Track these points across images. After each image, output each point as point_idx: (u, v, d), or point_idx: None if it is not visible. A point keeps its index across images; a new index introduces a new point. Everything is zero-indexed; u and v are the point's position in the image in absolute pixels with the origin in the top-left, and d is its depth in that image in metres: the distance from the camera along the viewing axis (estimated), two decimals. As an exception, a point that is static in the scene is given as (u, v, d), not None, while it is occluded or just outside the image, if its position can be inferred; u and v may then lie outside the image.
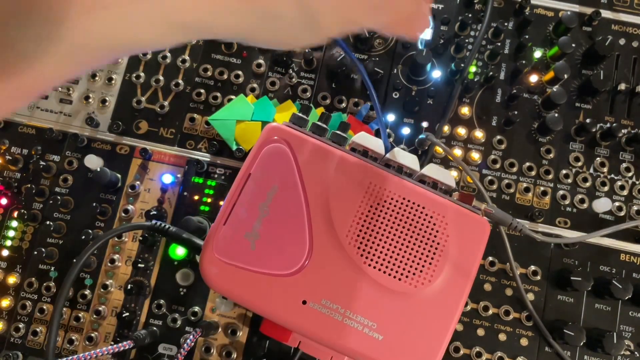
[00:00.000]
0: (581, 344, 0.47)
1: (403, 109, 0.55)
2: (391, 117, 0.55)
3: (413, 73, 0.56)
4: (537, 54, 0.56)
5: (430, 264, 0.39)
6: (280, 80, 0.56)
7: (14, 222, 0.54)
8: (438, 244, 0.39)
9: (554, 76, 0.53)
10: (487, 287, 0.51)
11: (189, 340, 0.45)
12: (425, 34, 0.54)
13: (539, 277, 0.51)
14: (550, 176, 0.53)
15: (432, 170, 0.41)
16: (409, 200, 0.39)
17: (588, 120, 0.52)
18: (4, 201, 0.54)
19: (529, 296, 0.50)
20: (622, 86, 0.55)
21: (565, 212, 0.53)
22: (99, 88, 0.57)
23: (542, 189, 0.53)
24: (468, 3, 0.57)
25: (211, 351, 0.50)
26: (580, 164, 0.54)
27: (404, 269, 0.38)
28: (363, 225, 0.39)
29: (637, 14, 0.57)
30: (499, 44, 0.57)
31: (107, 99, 0.56)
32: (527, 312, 0.50)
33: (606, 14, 0.57)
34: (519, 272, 0.51)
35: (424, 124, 0.55)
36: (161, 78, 0.57)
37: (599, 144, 0.54)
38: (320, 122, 0.42)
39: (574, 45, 0.53)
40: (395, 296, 0.38)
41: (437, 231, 0.39)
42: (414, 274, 0.39)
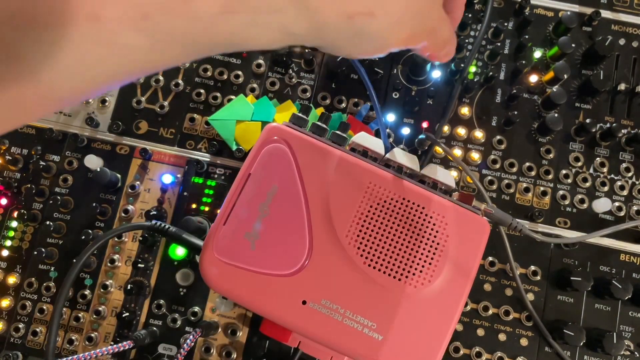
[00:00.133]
0: (581, 344, 0.47)
1: (403, 109, 0.55)
2: (391, 117, 0.55)
3: (413, 73, 0.56)
4: (537, 54, 0.56)
5: (430, 264, 0.39)
6: (280, 81, 0.56)
7: (14, 222, 0.54)
8: (438, 244, 0.39)
9: (554, 76, 0.53)
10: (487, 287, 0.51)
11: (188, 340, 0.45)
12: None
13: (539, 277, 0.51)
14: (550, 176, 0.53)
15: (432, 170, 0.41)
16: (408, 201, 0.39)
17: (588, 120, 0.52)
18: (4, 201, 0.54)
19: (529, 296, 0.50)
20: (622, 86, 0.55)
21: (565, 212, 0.53)
22: (99, 88, 0.57)
23: (542, 189, 0.53)
24: (468, 3, 0.57)
25: (211, 351, 0.50)
26: (580, 164, 0.54)
27: (403, 269, 0.39)
28: (363, 226, 0.39)
29: (637, 14, 0.57)
30: (499, 44, 0.57)
31: (106, 99, 0.56)
32: (527, 312, 0.50)
33: (606, 14, 0.57)
34: (519, 272, 0.51)
35: (424, 124, 0.55)
36: (161, 78, 0.57)
37: (599, 144, 0.54)
38: (320, 122, 0.42)
39: (574, 45, 0.53)
40: (395, 296, 0.38)
41: (437, 231, 0.39)
42: (413, 274, 0.39)
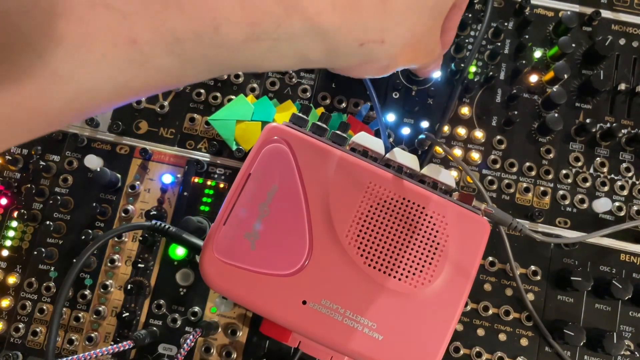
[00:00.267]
0: (581, 344, 0.47)
1: (403, 109, 0.55)
2: (391, 117, 0.55)
3: (413, 73, 0.55)
4: (537, 54, 0.56)
5: (430, 264, 0.39)
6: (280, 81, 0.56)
7: (14, 222, 0.54)
8: (438, 244, 0.39)
9: (554, 76, 0.53)
10: (487, 287, 0.51)
11: (188, 340, 0.45)
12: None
13: (539, 277, 0.51)
14: (550, 176, 0.53)
15: (432, 170, 0.41)
16: (408, 200, 0.39)
17: (588, 120, 0.52)
18: (4, 201, 0.54)
19: (529, 296, 0.50)
20: (622, 86, 0.55)
21: (565, 212, 0.53)
22: (99, 88, 0.57)
23: (542, 189, 0.53)
24: (468, 3, 0.57)
25: (211, 351, 0.50)
26: (580, 164, 0.54)
27: (403, 269, 0.38)
28: (363, 225, 0.39)
29: (637, 14, 0.57)
30: (499, 44, 0.57)
31: (107, 99, 0.56)
32: (527, 312, 0.50)
33: (606, 14, 0.57)
34: (519, 272, 0.51)
35: (424, 124, 0.55)
36: (161, 78, 0.56)
37: (599, 144, 0.54)
38: (320, 122, 0.42)
39: (574, 45, 0.53)
40: (395, 296, 0.38)
41: (437, 231, 0.39)
42: (413, 274, 0.39)
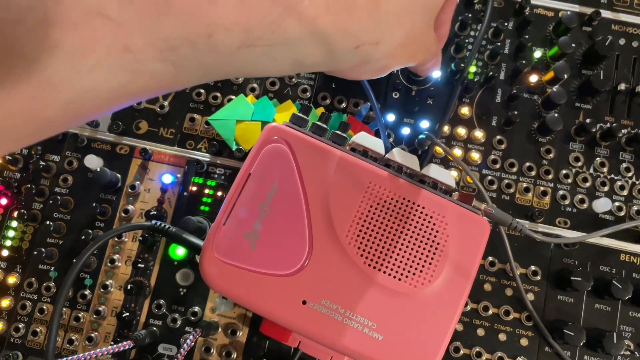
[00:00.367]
0: (581, 344, 0.47)
1: (403, 109, 0.55)
2: (391, 117, 0.55)
3: (413, 73, 0.55)
4: (537, 54, 0.56)
5: (430, 264, 0.39)
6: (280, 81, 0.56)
7: (14, 222, 0.54)
8: (438, 244, 0.39)
9: (554, 76, 0.53)
10: (487, 287, 0.51)
11: (188, 340, 0.45)
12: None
13: (539, 277, 0.51)
14: (550, 176, 0.53)
15: (432, 170, 0.41)
16: (408, 200, 0.39)
17: (588, 120, 0.52)
18: (4, 201, 0.54)
19: (529, 296, 0.50)
20: (622, 86, 0.55)
21: (565, 212, 0.53)
22: (99, 88, 0.57)
23: (542, 189, 0.53)
24: (468, 3, 0.57)
25: (211, 351, 0.50)
26: (580, 164, 0.54)
27: (403, 269, 0.38)
28: (363, 225, 0.39)
29: (637, 14, 0.57)
30: (499, 44, 0.57)
31: (107, 99, 0.56)
32: (527, 312, 0.50)
33: (606, 14, 0.57)
34: (519, 272, 0.51)
35: (424, 124, 0.55)
36: (161, 78, 0.56)
37: (599, 144, 0.54)
38: (320, 122, 0.42)
39: (574, 45, 0.53)
40: (395, 296, 0.38)
41: (437, 231, 0.39)
42: (413, 274, 0.38)
